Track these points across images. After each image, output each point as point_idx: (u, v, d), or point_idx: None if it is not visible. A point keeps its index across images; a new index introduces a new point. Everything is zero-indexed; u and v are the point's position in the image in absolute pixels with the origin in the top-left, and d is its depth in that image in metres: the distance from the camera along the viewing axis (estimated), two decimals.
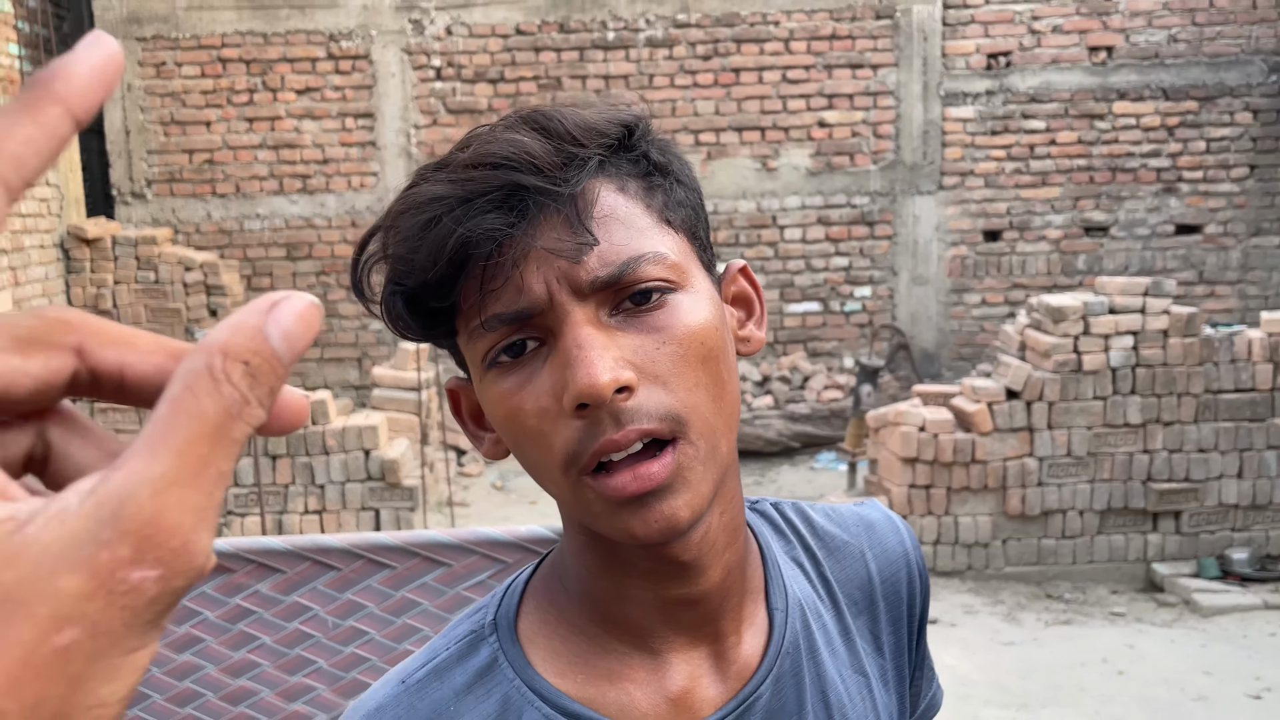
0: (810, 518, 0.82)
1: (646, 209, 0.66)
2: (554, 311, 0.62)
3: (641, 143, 0.68)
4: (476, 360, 0.66)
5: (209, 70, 7.83)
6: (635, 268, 0.63)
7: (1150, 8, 7.87)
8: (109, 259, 7.28)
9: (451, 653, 0.71)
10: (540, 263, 0.62)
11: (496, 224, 0.62)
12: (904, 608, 0.82)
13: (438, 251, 0.62)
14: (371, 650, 1.88)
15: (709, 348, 0.65)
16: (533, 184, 0.62)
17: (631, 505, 0.62)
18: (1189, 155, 7.99)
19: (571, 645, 0.71)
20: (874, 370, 6.61)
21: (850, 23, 7.86)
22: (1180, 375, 5.15)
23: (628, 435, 0.61)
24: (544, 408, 0.63)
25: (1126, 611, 4.98)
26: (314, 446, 5.29)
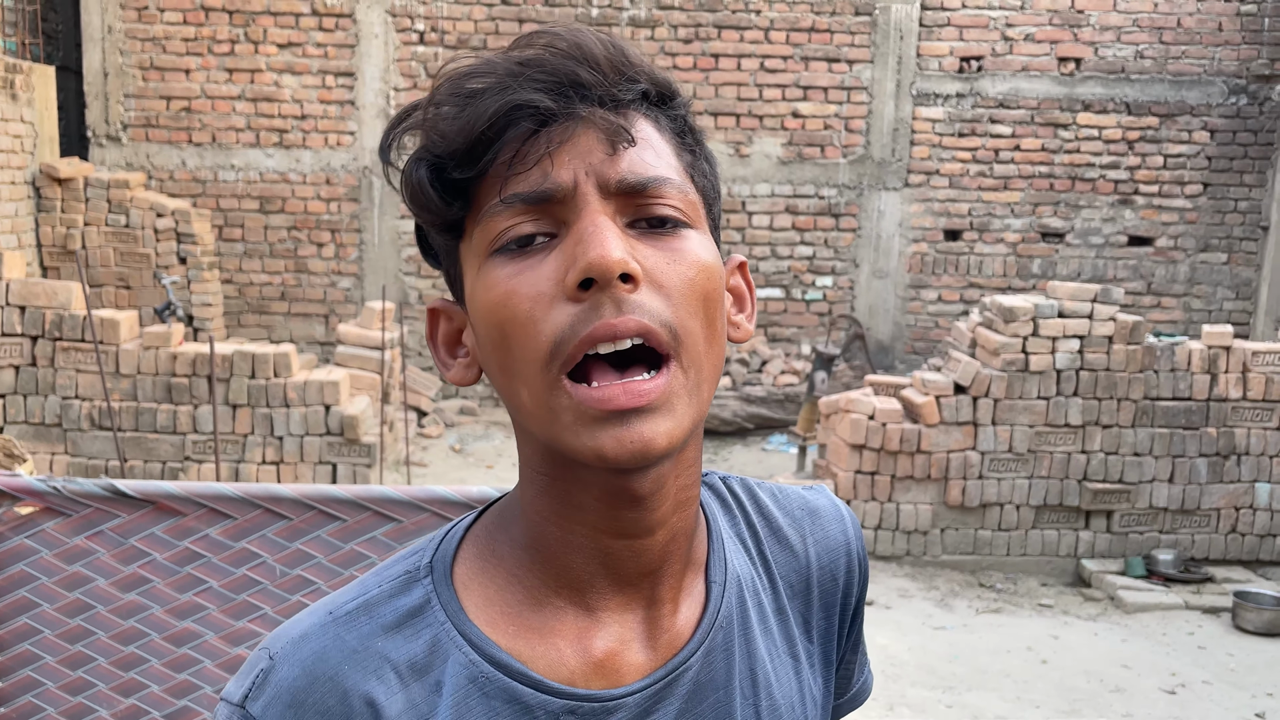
0: (757, 496, 0.81)
1: (676, 155, 0.67)
2: (575, 199, 0.62)
3: (682, 108, 0.69)
4: (482, 247, 0.64)
5: (191, 18, 7.80)
6: (662, 186, 0.64)
7: (1120, 23, 8.06)
8: (80, 200, 7.25)
9: (384, 590, 0.68)
10: (573, 154, 0.62)
11: (543, 101, 0.61)
12: (838, 595, 0.81)
13: (477, 118, 0.61)
14: (317, 599, 1.91)
15: (712, 287, 0.65)
16: (589, 78, 0.62)
17: (611, 420, 0.60)
18: (1146, 169, 8.20)
19: (507, 595, 0.69)
20: (830, 358, 6.76)
21: (830, 17, 7.97)
22: (1121, 380, 5.33)
23: (626, 322, 0.60)
24: (541, 292, 0.61)
25: (1054, 604, 5.16)
26: (275, 399, 5.35)
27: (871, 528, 5.39)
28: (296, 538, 1.84)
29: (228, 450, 5.32)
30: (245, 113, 7.91)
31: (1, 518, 1.85)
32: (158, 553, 1.83)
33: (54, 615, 1.90)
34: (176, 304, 6.57)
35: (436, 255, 0.71)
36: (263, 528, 1.84)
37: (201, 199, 7.90)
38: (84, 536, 1.85)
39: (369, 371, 6.15)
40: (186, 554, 1.83)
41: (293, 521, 1.83)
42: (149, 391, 5.30)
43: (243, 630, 1.87)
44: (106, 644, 1.87)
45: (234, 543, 1.84)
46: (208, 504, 1.82)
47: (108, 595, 1.85)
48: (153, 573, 1.84)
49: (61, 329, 5.21)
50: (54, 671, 1.89)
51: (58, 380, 5.24)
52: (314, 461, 5.38)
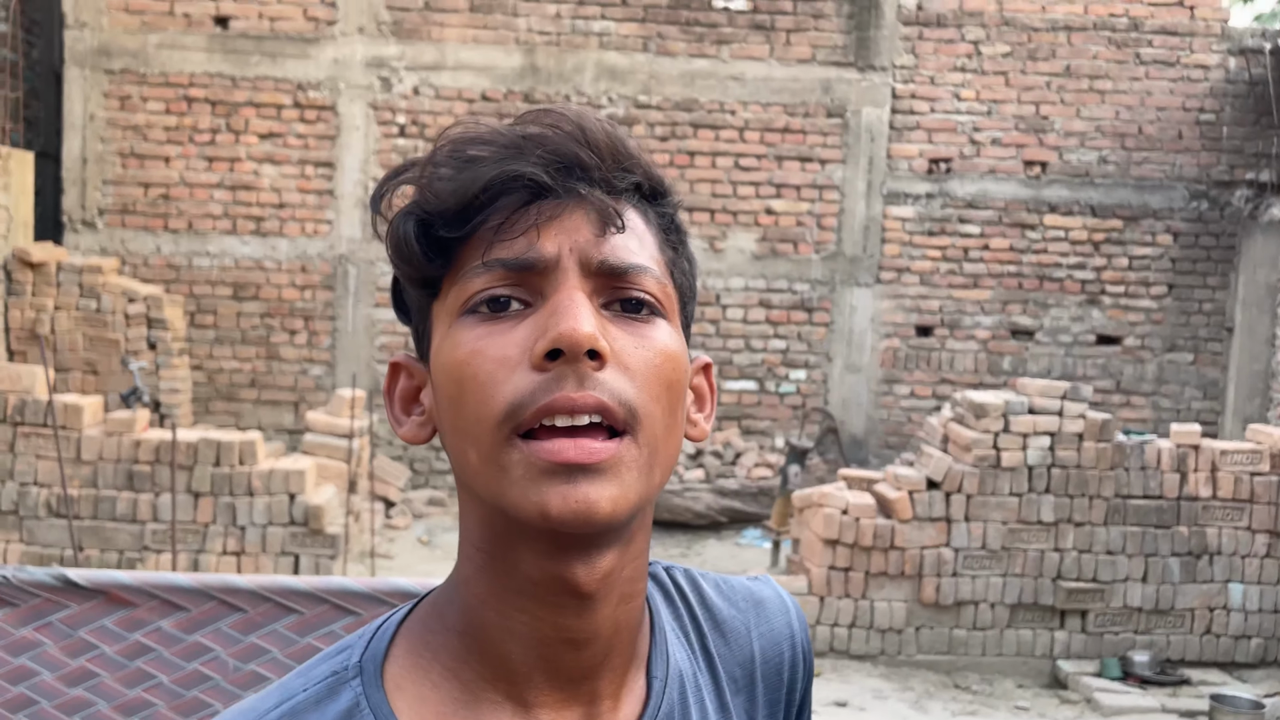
0: (700, 587, 0.79)
1: (659, 249, 0.68)
2: (556, 273, 0.63)
3: (671, 206, 0.71)
4: (456, 306, 0.65)
5: (174, 107, 7.90)
6: (642, 274, 0.65)
7: (1083, 129, 8.32)
8: (52, 284, 7.21)
9: (309, 694, 0.65)
10: (561, 230, 0.63)
11: (540, 176, 0.63)
12: (783, 690, 0.79)
13: (472, 182, 0.63)
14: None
15: (676, 378, 0.65)
16: (588, 160, 0.64)
17: (557, 476, 0.60)
18: (1112, 270, 8.38)
19: (441, 692, 0.66)
20: (803, 451, 6.76)
21: (803, 118, 8.19)
22: (1093, 478, 5.34)
23: (585, 398, 0.60)
24: (507, 355, 0.62)
25: (1030, 706, 5.08)
26: (239, 487, 5.26)
27: (846, 625, 5.31)
28: (251, 631, 1.78)
29: (187, 540, 5.19)
30: (223, 200, 7.96)
31: None
32: (107, 645, 1.77)
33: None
34: (143, 390, 6.49)
35: (408, 311, 0.71)
36: (217, 620, 1.78)
37: (175, 285, 7.89)
38: (32, 628, 1.78)
39: (336, 460, 6.08)
40: (137, 647, 1.77)
41: (248, 614, 1.77)
42: (110, 478, 5.19)
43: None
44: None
45: (187, 635, 1.78)
46: (161, 594, 1.76)
47: (53, 690, 1.77)
48: (101, 667, 1.77)
49: (24, 414, 5.12)
50: None
51: (16, 466, 5.13)
52: (276, 552, 5.26)
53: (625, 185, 0.66)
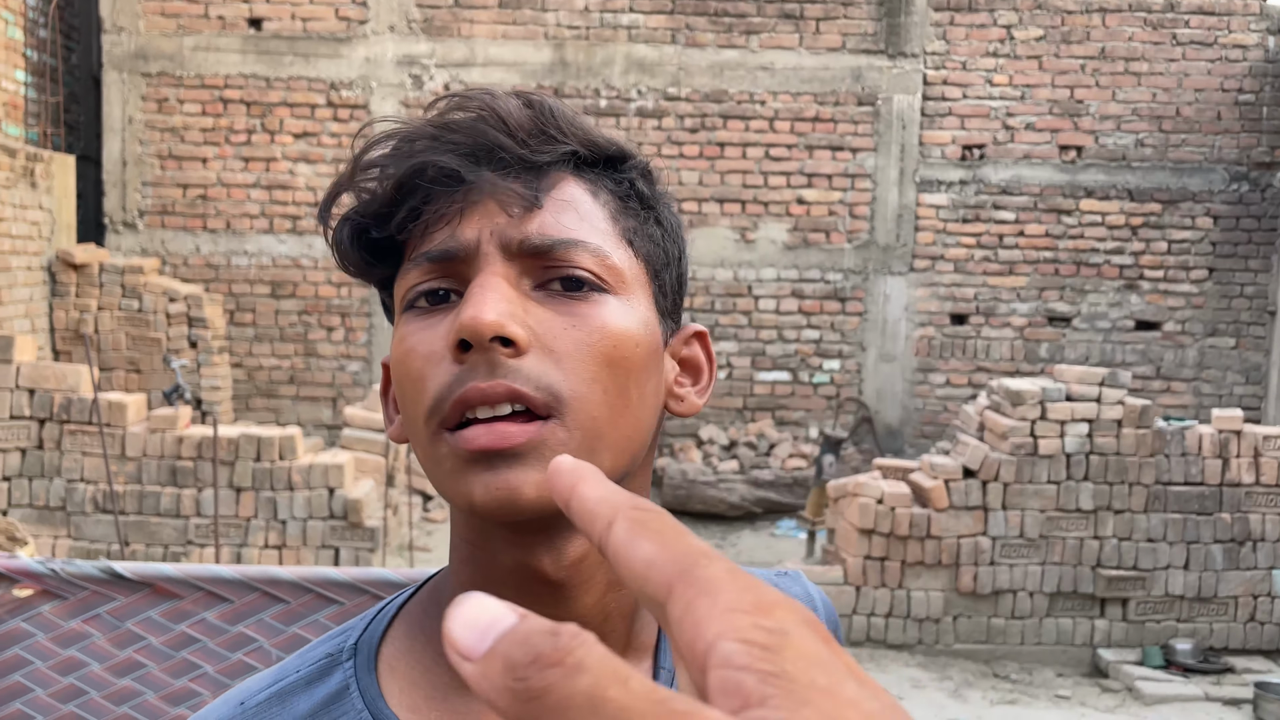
0: None
1: (610, 219, 0.65)
2: (477, 259, 0.61)
3: (631, 171, 0.67)
4: (399, 303, 0.65)
5: (210, 109, 8.00)
6: (569, 249, 0.62)
7: (1119, 113, 8.21)
8: (94, 285, 7.35)
9: (301, 675, 0.65)
10: (481, 215, 0.62)
11: (451, 164, 0.61)
12: None
13: (389, 180, 0.62)
14: None
15: (622, 354, 0.62)
16: (499, 141, 0.62)
17: (478, 464, 0.58)
18: (1151, 255, 8.26)
19: (433, 676, 0.64)
20: (838, 441, 6.73)
21: (833, 107, 8.14)
22: (1132, 465, 5.28)
23: (495, 387, 0.58)
24: (433, 350, 0.61)
25: (1071, 695, 5.04)
26: (279, 482, 5.33)
27: (882, 615, 5.30)
28: (294, 621, 1.80)
29: (230, 534, 5.28)
30: (260, 200, 8.06)
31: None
32: (154, 637, 1.80)
33: (47, 701, 1.87)
34: (185, 387, 6.60)
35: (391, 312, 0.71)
36: (260, 611, 1.80)
37: (214, 284, 8.00)
38: (80, 620, 1.83)
39: (374, 454, 6.14)
40: (182, 638, 1.80)
41: (290, 605, 1.79)
42: (154, 474, 5.29)
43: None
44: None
45: (231, 627, 1.81)
46: (204, 586, 1.78)
47: (102, 680, 1.80)
48: (148, 657, 1.80)
49: (69, 412, 5.23)
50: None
51: (63, 463, 5.24)
52: (316, 546, 5.33)
53: (553, 158, 0.63)
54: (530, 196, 0.62)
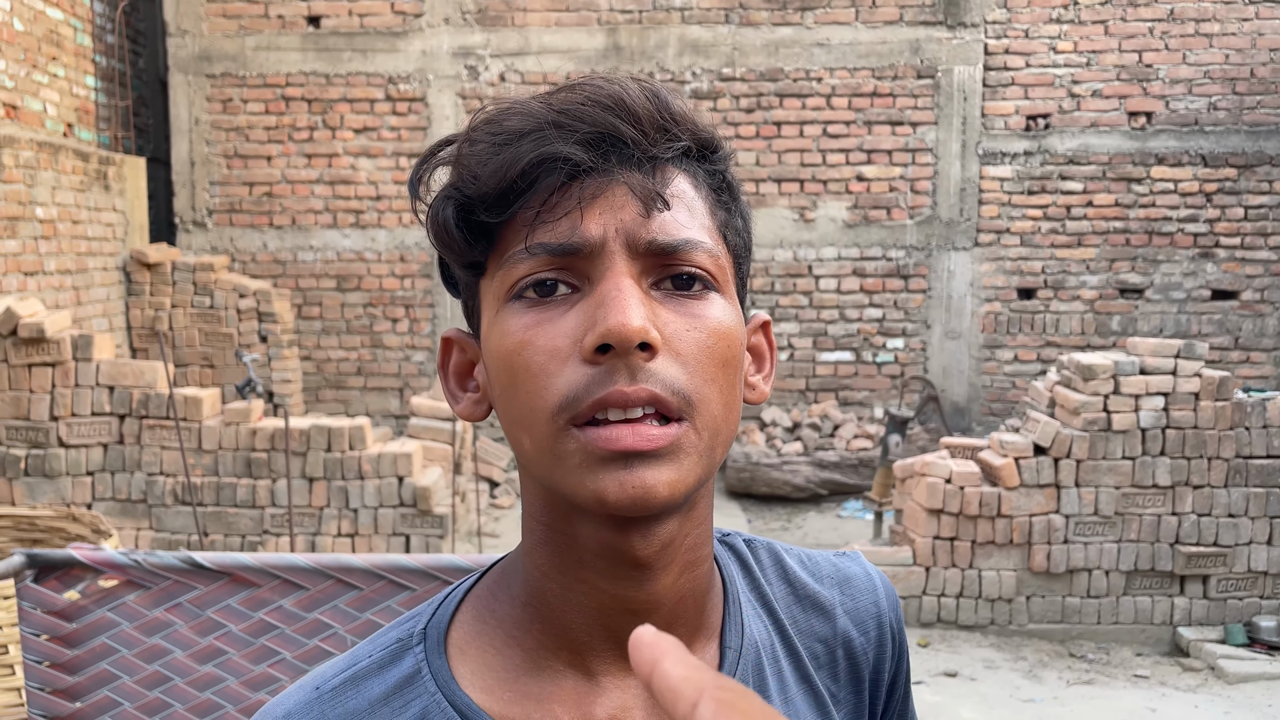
0: (783, 561, 0.77)
1: (710, 213, 0.65)
2: (602, 257, 0.61)
3: (722, 162, 0.68)
4: (502, 291, 0.63)
5: (273, 107, 8.15)
6: (692, 250, 0.62)
7: (1191, 76, 7.95)
8: (168, 283, 7.55)
9: (373, 660, 0.66)
10: (605, 210, 0.61)
11: (579, 155, 0.60)
12: (867, 670, 0.76)
13: (510, 165, 0.61)
14: None
15: (732, 354, 0.63)
16: (629, 134, 0.61)
17: (614, 463, 0.59)
18: (1226, 221, 8.00)
19: (504, 658, 0.66)
20: (903, 421, 6.65)
21: (892, 81, 8.01)
22: (1211, 438, 5.13)
23: (639, 392, 0.58)
24: (557, 347, 0.60)
25: (1150, 674, 4.93)
26: (350, 471, 5.43)
27: (953, 595, 5.23)
28: (367, 607, 1.86)
29: (303, 523, 5.40)
30: (323, 195, 8.20)
31: (85, 591, 1.90)
32: (233, 624, 1.86)
33: (133, 688, 1.93)
34: (257, 381, 6.75)
35: (456, 286, 0.70)
36: (334, 598, 1.86)
37: (281, 279, 8.16)
38: (163, 609, 1.88)
39: (441, 443, 6.22)
40: (261, 625, 1.87)
41: (363, 591, 1.85)
42: (229, 466, 5.43)
43: None
44: (183, 717, 1.89)
45: (306, 613, 1.87)
46: (281, 574, 1.85)
47: (185, 668, 1.88)
48: (228, 644, 1.87)
49: (148, 407, 5.38)
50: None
51: (143, 457, 5.40)
52: (388, 533, 5.43)
53: (671, 153, 0.63)
54: (662, 197, 0.62)
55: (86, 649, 1.89)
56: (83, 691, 1.91)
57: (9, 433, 5.31)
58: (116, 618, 1.89)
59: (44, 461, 5.31)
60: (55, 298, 6.61)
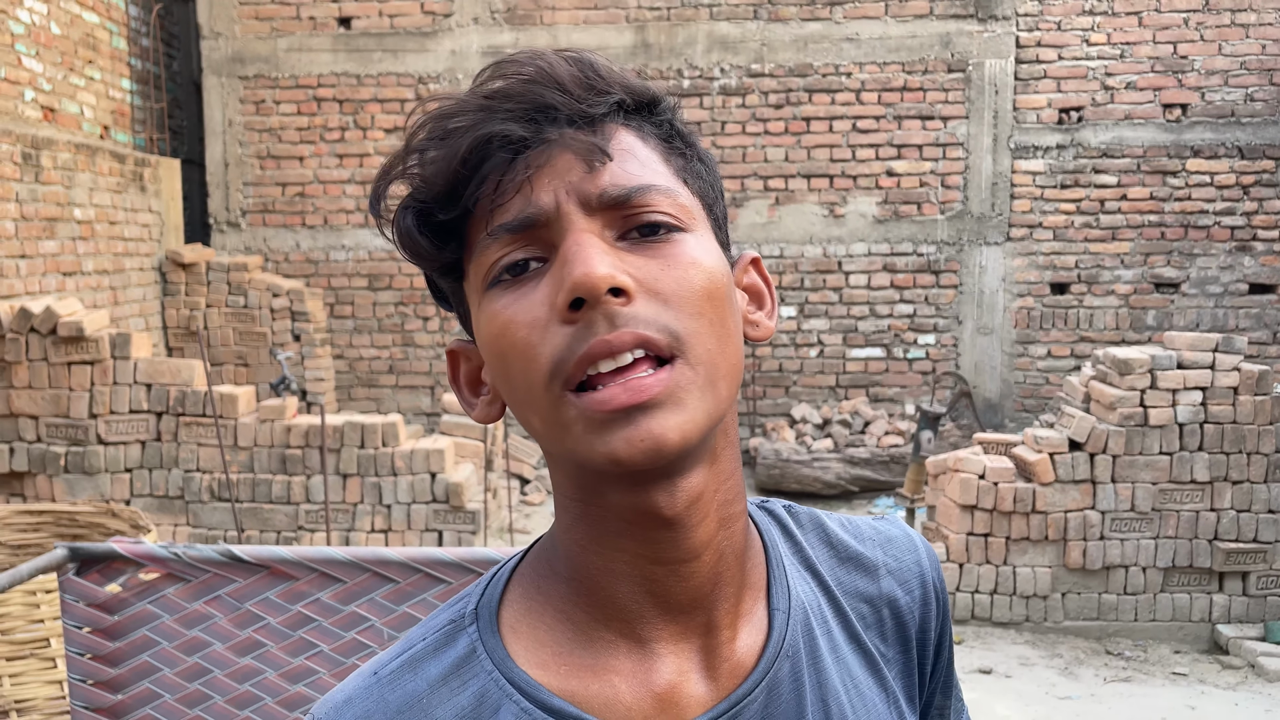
0: (824, 524, 0.78)
1: (664, 160, 0.66)
2: (559, 221, 0.61)
3: (666, 112, 0.68)
4: (479, 284, 0.64)
5: (304, 108, 8.22)
6: (646, 194, 0.62)
7: (1227, 67, 7.83)
8: (203, 283, 7.64)
9: (428, 643, 0.67)
10: (552, 176, 0.62)
11: (514, 130, 0.61)
12: (914, 629, 0.76)
13: (451, 157, 0.62)
14: None
15: (715, 285, 0.63)
16: (557, 100, 0.62)
17: (617, 421, 0.58)
18: (1264, 214, 7.88)
19: (557, 634, 0.67)
20: (935, 417, 6.61)
21: (922, 75, 7.96)
22: (1250, 433, 5.07)
23: (621, 336, 0.59)
24: (536, 318, 0.61)
25: (1189, 672, 4.88)
26: (383, 468, 5.48)
27: (987, 592, 5.20)
28: (403, 600, 1.88)
29: (338, 519, 5.45)
30: (355, 195, 8.26)
31: (126, 584, 1.93)
32: (272, 617, 1.88)
33: (174, 680, 1.95)
34: (291, 379, 6.82)
35: (447, 299, 0.71)
36: (371, 591, 1.88)
37: (314, 278, 8.24)
38: (202, 601, 1.91)
39: (473, 439, 6.26)
40: (299, 618, 1.88)
41: (399, 584, 1.86)
42: (265, 463, 5.49)
43: None
44: (223, 709, 1.91)
45: (344, 606, 1.88)
46: (318, 568, 1.86)
47: (224, 659, 1.90)
48: (267, 637, 1.89)
49: (184, 405, 5.45)
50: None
51: (180, 454, 5.47)
52: (420, 529, 5.47)
53: (604, 110, 0.64)
54: (602, 148, 0.62)
55: (127, 641, 1.91)
56: (124, 683, 1.93)
57: (49, 430, 5.39)
58: (157, 610, 1.91)
59: (83, 459, 5.39)
60: (93, 297, 6.71)
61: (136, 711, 1.93)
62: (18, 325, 5.33)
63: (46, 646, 3.66)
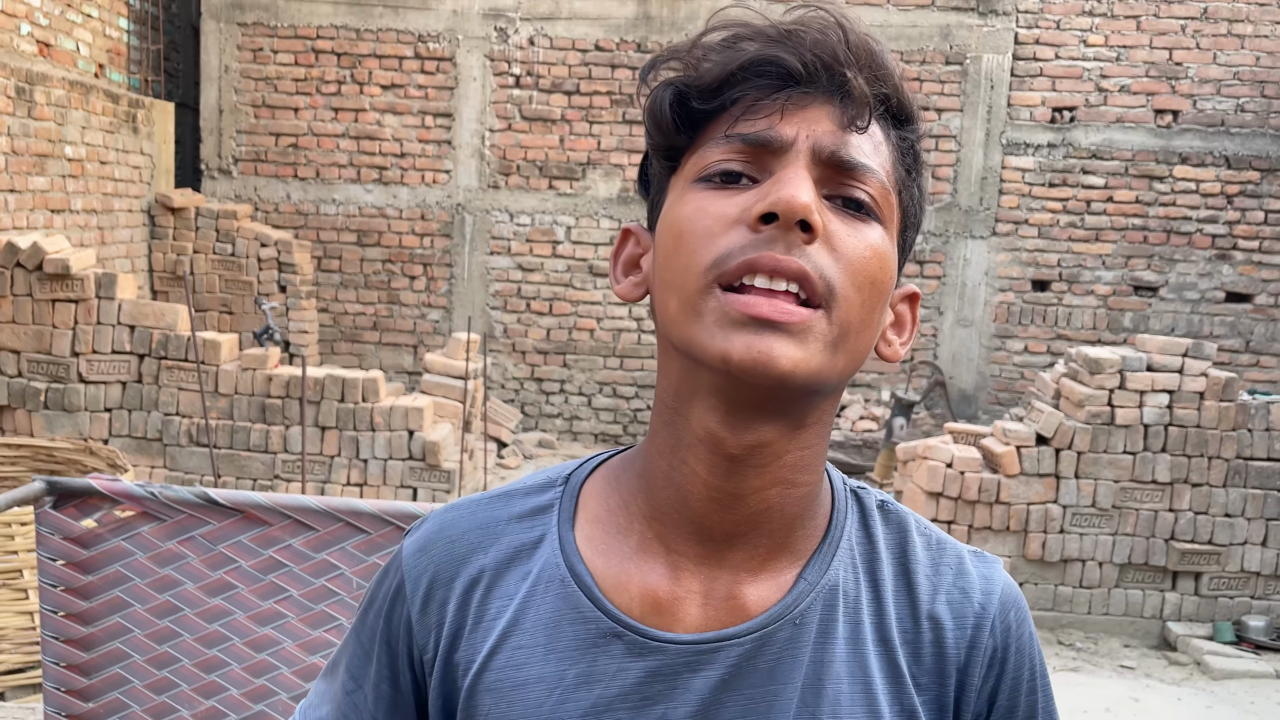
0: (907, 530, 0.78)
1: (891, 166, 0.70)
2: (788, 154, 0.66)
3: (914, 133, 0.72)
4: (691, 173, 0.69)
5: (302, 59, 8.19)
6: (867, 174, 0.67)
7: (1220, 76, 7.89)
8: (191, 229, 7.63)
9: (524, 486, 0.79)
10: (802, 120, 0.66)
11: (795, 65, 0.66)
12: (953, 665, 0.74)
13: (731, 60, 0.66)
14: None
15: (882, 277, 0.67)
16: (841, 58, 0.66)
17: (747, 327, 0.63)
18: (1246, 224, 7.97)
19: (613, 517, 0.75)
20: (909, 405, 6.70)
21: (920, 66, 7.99)
22: (1213, 438, 5.17)
23: (790, 263, 0.63)
24: (726, 214, 0.65)
25: (1136, 666, 5.00)
26: (362, 423, 5.53)
27: None
28: (374, 551, 1.91)
29: (315, 471, 5.50)
30: (348, 150, 8.24)
31: (102, 520, 1.97)
32: (244, 560, 1.92)
33: (144, 616, 2.00)
34: (275, 329, 6.84)
35: (649, 185, 0.76)
36: (342, 540, 1.91)
37: (303, 230, 8.24)
38: (176, 541, 1.95)
39: (452, 400, 6.30)
40: (270, 563, 1.92)
41: (371, 536, 1.90)
42: (244, 411, 5.53)
43: (318, 640, 1.94)
44: (191, 646, 1.95)
45: (315, 554, 1.92)
46: (292, 514, 1.90)
47: (194, 599, 1.93)
48: (238, 579, 1.93)
49: (167, 348, 5.48)
50: (141, 670, 1.97)
51: (160, 397, 5.51)
52: (396, 485, 5.52)
53: (874, 93, 0.68)
54: (861, 119, 0.66)
55: (101, 575, 1.95)
56: (95, 617, 1.98)
57: (30, 365, 5.42)
58: (131, 547, 1.95)
59: (63, 395, 5.42)
60: (80, 236, 6.70)
61: (106, 644, 1.97)
62: (4, 259, 5.33)
63: (19, 578, 3.71)
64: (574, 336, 8.25)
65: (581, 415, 8.31)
